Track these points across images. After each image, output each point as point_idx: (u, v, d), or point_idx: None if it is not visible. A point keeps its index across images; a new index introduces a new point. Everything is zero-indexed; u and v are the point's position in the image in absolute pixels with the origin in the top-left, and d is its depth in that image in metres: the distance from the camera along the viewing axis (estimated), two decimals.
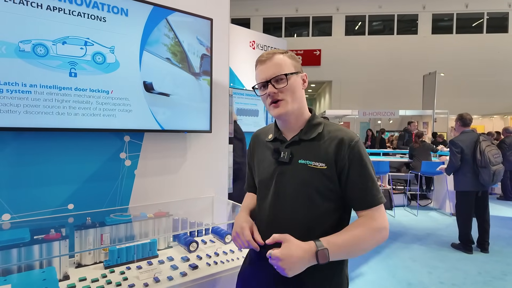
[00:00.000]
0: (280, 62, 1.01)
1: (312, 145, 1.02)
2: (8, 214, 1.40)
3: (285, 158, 1.03)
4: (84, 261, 1.41)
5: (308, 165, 0.99)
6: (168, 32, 1.73)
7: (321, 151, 0.99)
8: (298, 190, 1.00)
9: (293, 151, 1.03)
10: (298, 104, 1.03)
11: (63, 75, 1.42)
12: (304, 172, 1.00)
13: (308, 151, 1.01)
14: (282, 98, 1.01)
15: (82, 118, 1.48)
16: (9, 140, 1.40)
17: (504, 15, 13.90)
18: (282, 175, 1.03)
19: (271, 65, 1.01)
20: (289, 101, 1.01)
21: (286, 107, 1.01)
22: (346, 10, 14.49)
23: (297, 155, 1.02)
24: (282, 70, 1.00)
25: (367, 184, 0.97)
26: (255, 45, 4.60)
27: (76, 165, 1.57)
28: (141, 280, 1.26)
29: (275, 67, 1.01)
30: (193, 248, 1.57)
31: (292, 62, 1.03)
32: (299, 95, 1.03)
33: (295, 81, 1.02)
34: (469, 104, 13.16)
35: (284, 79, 1.00)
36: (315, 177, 0.98)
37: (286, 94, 1.01)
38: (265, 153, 1.11)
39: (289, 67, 1.02)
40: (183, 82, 1.81)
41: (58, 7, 1.41)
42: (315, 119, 1.07)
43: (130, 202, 1.74)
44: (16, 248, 1.20)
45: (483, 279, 3.23)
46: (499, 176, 3.67)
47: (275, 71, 1.00)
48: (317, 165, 0.98)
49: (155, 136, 1.81)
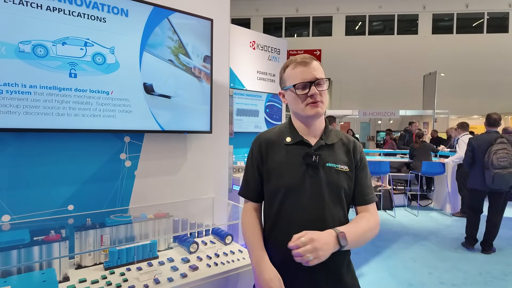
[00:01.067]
0: (319, 67, 1.10)
1: (332, 149, 1.13)
2: (8, 215, 1.40)
3: (316, 161, 1.08)
4: (84, 262, 1.41)
5: (335, 168, 1.10)
6: (170, 33, 1.73)
7: (341, 154, 1.13)
8: (330, 192, 1.09)
9: (323, 155, 1.10)
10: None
11: (63, 75, 1.42)
12: (333, 175, 1.09)
13: (331, 154, 1.12)
14: (321, 100, 1.09)
15: (82, 119, 1.48)
16: (9, 141, 1.40)
17: (505, 15, 13.89)
18: (314, 178, 1.08)
19: (314, 68, 1.08)
20: (324, 103, 1.11)
21: (323, 108, 1.10)
22: (346, 10, 14.48)
23: (325, 159, 1.10)
24: (323, 74, 1.10)
25: (368, 183, 1.15)
26: (255, 45, 4.60)
27: (76, 166, 1.57)
28: (141, 282, 1.26)
29: (317, 71, 1.09)
30: (193, 249, 1.57)
31: (322, 69, 1.13)
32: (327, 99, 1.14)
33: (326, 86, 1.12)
34: (469, 104, 13.16)
35: (326, 83, 1.10)
36: (342, 179, 1.10)
37: (323, 97, 1.10)
38: (287, 155, 1.11)
39: (323, 74, 1.11)
40: (185, 84, 1.81)
41: (58, 7, 1.40)
42: (328, 124, 1.19)
43: (130, 203, 1.73)
44: (16, 249, 1.19)
45: (484, 279, 3.22)
46: (501, 180, 3.57)
47: (319, 74, 1.08)
48: (342, 168, 1.10)
49: (155, 136, 1.81)
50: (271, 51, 4.82)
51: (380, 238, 4.47)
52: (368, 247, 4.08)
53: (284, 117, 4.98)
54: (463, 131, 5.47)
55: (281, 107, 4.84)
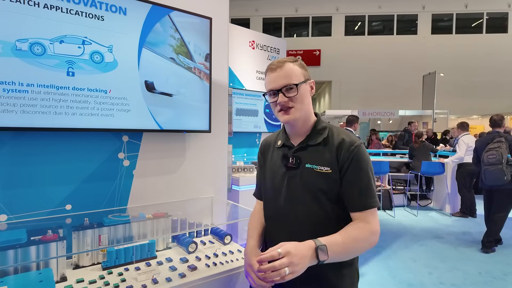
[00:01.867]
0: (290, 72, 1.05)
1: (317, 149, 1.07)
2: (5, 215, 1.38)
3: (293, 163, 1.08)
4: (82, 262, 1.39)
5: (314, 169, 1.05)
6: (171, 31, 1.72)
7: (325, 155, 1.05)
8: (306, 193, 1.05)
9: (300, 156, 1.08)
10: (306, 111, 1.09)
11: (60, 74, 1.41)
12: (311, 176, 1.05)
13: (314, 155, 1.07)
14: (292, 106, 1.06)
15: (80, 118, 1.47)
16: (6, 140, 1.39)
17: (504, 15, 13.91)
18: (291, 179, 1.09)
19: (282, 74, 1.05)
20: (298, 108, 1.06)
21: (295, 114, 1.06)
22: (346, 10, 14.49)
23: (304, 160, 1.07)
24: (292, 79, 1.05)
25: (363, 187, 1.01)
26: (255, 45, 4.59)
27: (74, 165, 1.56)
28: (139, 282, 1.25)
29: (285, 77, 1.05)
30: (192, 249, 1.56)
31: (302, 70, 1.08)
32: (307, 102, 1.09)
33: (304, 90, 1.07)
34: (469, 104, 13.17)
35: (295, 89, 1.05)
36: (320, 180, 1.03)
37: (296, 102, 1.06)
38: (275, 158, 1.17)
39: (299, 76, 1.06)
40: (187, 82, 1.81)
41: (56, 5, 1.39)
42: (320, 124, 1.11)
43: (128, 202, 1.72)
44: (13, 249, 1.18)
45: (484, 279, 3.22)
46: (491, 176, 3.72)
47: (286, 81, 1.05)
48: (322, 169, 1.03)
49: (154, 136, 1.80)
50: (271, 50, 4.81)
51: (379, 238, 4.46)
52: None
53: None
54: (463, 131, 5.48)
55: None
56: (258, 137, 4.69)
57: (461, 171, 5.44)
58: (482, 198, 6.99)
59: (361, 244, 0.99)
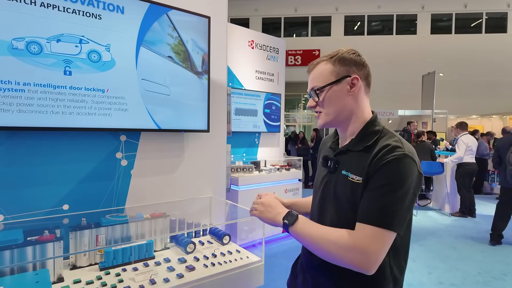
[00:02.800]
0: (318, 74, 1.00)
1: (358, 155, 0.95)
2: (1, 215, 1.37)
3: (331, 167, 1.01)
4: (79, 262, 1.38)
5: (348, 178, 0.94)
6: (169, 30, 1.71)
7: (363, 162, 0.91)
8: (336, 200, 0.98)
9: (339, 160, 1.00)
10: (342, 113, 0.99)
11: (57, 73, 1.40)
12: (343, 184, 0.95)
13: (352, 162, 0.95)
14: (319, 110, 1.02)
15: (77, 117, 1.46)
16: (3, 139, 1.38)
17: (503, 15, 13.91)
18: (328, 183, 1.03)
19: (312, 77, 1.02)
20: (325, 113, 1.00)
21: (323, 119, 1.01)
22: (345, 10, 14.49)
23: (342, 165, 0.98)
24: (318, 82, 0.99)
25: (380, 200, 0.84)
26: (254, 44, 4.58)
27: (71, 165, 1.55)
28: (137, 282, 1.24)
29: (313, 80, 1.01)
30: (190, 249, 1.55)
31: (336, 68, 0.97)
32: (341, 104, 0.98)
33: (333, 92, 0.98)
34: (468, 104, 13.17)
35: (319, 93, 0.99)
36: (350, 190, 0.92)
37: (322, 107, 1.01)
38: None
39: (327, 77, 0.97)
40: (185, 81, 1.80)
41: (53, 4, 1.38)
42: (371, 127, 0.97)
43: (126, 202, 1.71)
44: (9, 249, 1.17)
45: (483, 279, 3.21)
46: None
47: (313, 84, 1.01)
48: (354, 178, 0.92)
49: (151, 135, 1.79)
50: (270, 50, 4.81)
51: None
52: None
53: (283, 117, 4.97)
54: (462, 130, 5.49)
55: (280, 106, 4.83)
56: (257, 137, 4.68)
57: (460, 171, 5.43)
58: (482, 198, 6.99)
59: (330, 247, 0.87)
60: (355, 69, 0.97)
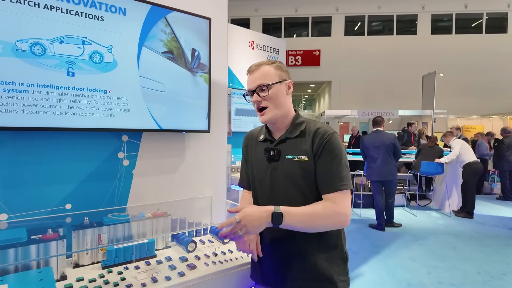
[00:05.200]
0: (265, 73, 1.15)
1: (296, 141, 1.16)
2: (5, 214, 1.39)
3: (274, 155, 1.17)
4: (82, 261, 1.40)
5: (293, 159, 1.14)
6: (165, 27, 1.73)
7: (302, 145, 1.14)
8: (288, 182, 1.15)
9: (280, 149, 1.18)
10: (282, 109, 1.18)
11: (60, 74, 1.42)
12: (291, 166, 1.14)
13: (293, 147, 1.16)
14: (266, 105, 1.16)
15: (79, 118, 1.48)
16: (6, 139, 1.40)
17: (503, 16, 13.91)
18: (274, 170, 1.18)
19: (257, 76, 1.16)
20: (272, 108, 1.16)
21: (269, 113, 1.16)
22: (346, 10, 14.49)
23: (284, 152, 1.17)
24: (266, 80, 1.15)
25: (334, 171, 1.09)
26: (254, 45, 4.60)
27: (74, 165, 1.57)
28: (139, 280, 1.26)
29: (260, 78, 1.15)
30: (191, 248, 1.56)
31: (277, 72, 1.17)
32: (282, 101, 1.18)
33: (277, 90, 1.16)
34: (468, 104, 13.17)
35: (266, 89, 1.15)
36: (300, 169, 1.12)
37: (269, 102, 1.16)
38: (259, 151, 1.26)
39: (273, 77, 1.16)
40: (186, 82, 1.81)
41: (56, 6, 1.40)
42: (298, 118, 1.21)
43: (128, 202, 1.73)
44: (13, 248, 1.19)
45: (482, 279, 3.22)
46: None
47: (260, 82, 1.15)
48: (300, 158, 1.13)
49: (153, 135, 1.81)
50: (270, 51, 4.82)
51: (379, 238, 4.48)
52: (367, 246, 4.08)
53: None
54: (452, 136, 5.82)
55: None
56: None
57: (466, 171, 5.45)
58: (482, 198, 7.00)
59: (322, 220, 1.06)
60: (288, 77, 1.21)
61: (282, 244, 1.17)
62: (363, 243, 4.22)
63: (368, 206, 6.00)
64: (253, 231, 1.04)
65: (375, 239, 4.43)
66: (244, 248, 1.23)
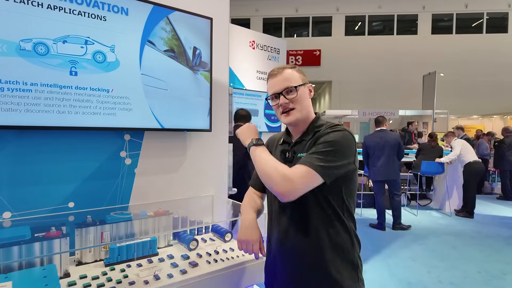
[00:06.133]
0: (289, 76, 1.16)
1: (307, 142, 1.17)
2: (9, 212, 1.41)
3: (289, 156, 1.20)
4: (85, 259, 1.41)
5: (302, 157, 1.13)
6: (166, 26, 1.74)
7: (312, 144, 1.14)
8: None
9: (296, 150, 1.20)
10: (305, 111, 1.19)
11: (63, 73, 1.43)
12: None
13: (304, 147, 1.17)
14: (293, 107, 1.17)
15: (82, 117, 1.49)
16: (10, 138, 1.41)
17: (504, 15, 13.91)
18: None
19: (282, 78, 1.16)
20: (298, 110, 1.17)
21: (295, 115, 1.17)
22: (346, 10, 14.50)
23: (298, 151, 1.18)
24: (291, 83, 1.16)
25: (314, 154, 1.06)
26: (255, 45, 4.61)
27: (77, 164, 1.58)
28: (141, 278, 1.27)
29: (285, 81, 1.16)
30: (193, 246, 1.58)
31: (300, 75, 1.19)
32: (306, 104, 1.19)
33: (303, 92, 1.18)
34: (469, 104, 13.16)
35: (294, 91, 1.15)
36: None
37: (296, 104, 1.16)
38: (277, 153, 1.27)
39: (297, 80, 1.17)
40: (188, 82, 1.82)
41: (59, 6, 1.41)
42: (318, 121, 1.21)
43: (130, 200, 1.74)
44: (17, 245, 1.20)
45: (483, 278, 3.23)
46: None
47: (286, 84, 1.15)
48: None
49: (155, 135, 1.82)
50: (271, 50, 4.83)
51: (379, 237, 4.49)
52: (368, 245, 4.09)
53: None
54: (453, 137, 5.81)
55: None
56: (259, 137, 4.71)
57: (467, 171, 5.46)
58: (483, 198, 7.00)
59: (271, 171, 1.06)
60: (308, 81, 1.22)
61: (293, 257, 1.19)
62: (364, 242, 4.21)
63: (368, 206, 6.01)
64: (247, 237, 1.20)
65: (375, 238, 4.44)
66: (247, 250, 1.25)
